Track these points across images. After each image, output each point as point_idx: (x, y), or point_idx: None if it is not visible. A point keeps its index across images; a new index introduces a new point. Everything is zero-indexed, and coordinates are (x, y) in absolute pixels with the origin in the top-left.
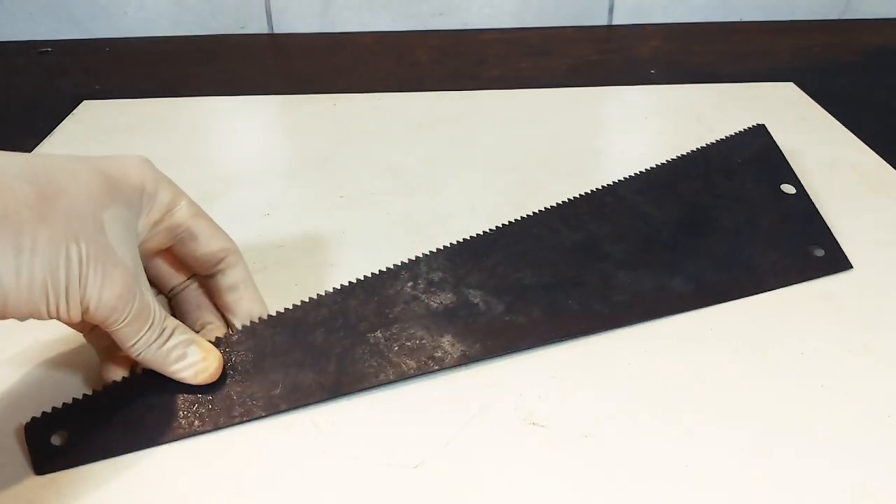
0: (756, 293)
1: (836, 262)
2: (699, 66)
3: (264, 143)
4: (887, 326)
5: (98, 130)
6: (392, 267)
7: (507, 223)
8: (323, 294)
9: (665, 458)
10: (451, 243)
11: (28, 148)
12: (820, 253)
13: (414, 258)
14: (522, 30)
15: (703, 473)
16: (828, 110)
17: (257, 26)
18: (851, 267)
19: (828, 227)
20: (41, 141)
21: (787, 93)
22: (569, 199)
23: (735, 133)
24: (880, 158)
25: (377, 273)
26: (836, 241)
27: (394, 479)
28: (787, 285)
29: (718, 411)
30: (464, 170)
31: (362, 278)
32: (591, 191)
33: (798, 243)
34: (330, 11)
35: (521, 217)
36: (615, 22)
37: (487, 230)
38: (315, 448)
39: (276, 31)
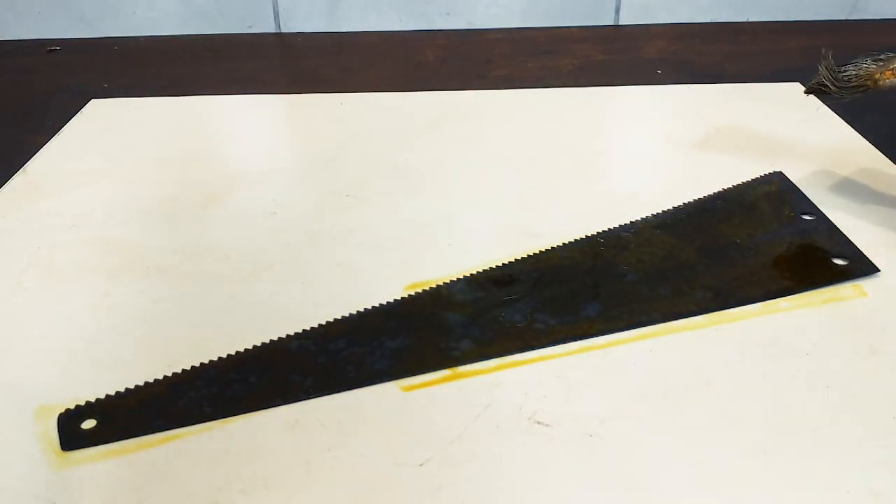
0: (777, 298)
1: (862, 268)
2: (705, 66)
3: (271, 141)
4: (894, 327)
5: (106, 129)
6: (412, 294)
7: (522, 258)
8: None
9: (670, 457)
10: (470, 274)
11: (37, 146)
12: (843, 263)
13: (435, 286)
14: (529, 29)
15: (707, 473)
16: (834, 111)
17: (265, 26)
18: (878, 271)
19: (850, 241)
20: (50, 139)
21: (794, 93)
22: (586, 235)
23: (752, 179)
24: (887, 159)
25: (398, 299)
26: (859, 250)
27: (399, 478)
28: (811, 290)
29: (724, 411)
30: (470, 169)
31: (379, 304)
32: (608, 228)
33: (820, 256)
34: (337, 11)
35: (539, 251)
36: (621, 22)
37: (504, 263)
38: (321, 446)
39: (284, 30)
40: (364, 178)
